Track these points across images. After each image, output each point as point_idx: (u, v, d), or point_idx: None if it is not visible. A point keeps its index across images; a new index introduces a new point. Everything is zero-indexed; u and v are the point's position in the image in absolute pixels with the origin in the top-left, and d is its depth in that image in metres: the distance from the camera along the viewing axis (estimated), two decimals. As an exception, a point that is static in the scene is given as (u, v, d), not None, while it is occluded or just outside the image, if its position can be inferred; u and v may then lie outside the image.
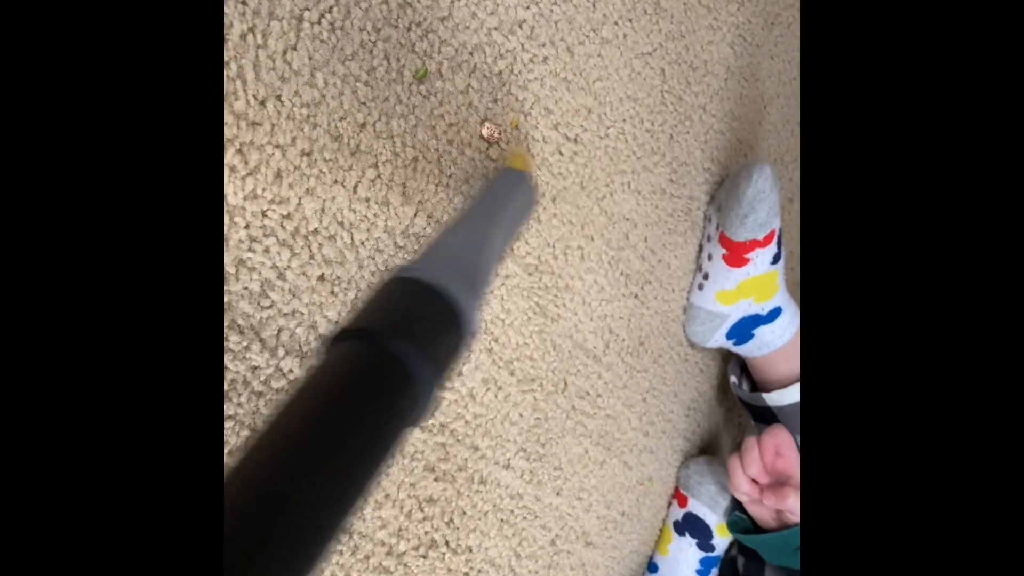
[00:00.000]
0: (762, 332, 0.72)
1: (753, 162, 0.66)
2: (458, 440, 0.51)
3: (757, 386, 0.77)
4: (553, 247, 0.55)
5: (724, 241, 0.67)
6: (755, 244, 0.66)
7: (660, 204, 0.65)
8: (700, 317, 0.72)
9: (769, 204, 0.63)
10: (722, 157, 0.72)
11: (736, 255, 0.67)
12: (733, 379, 0.78)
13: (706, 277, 0.71)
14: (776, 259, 0.68)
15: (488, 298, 0.50)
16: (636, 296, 0.65)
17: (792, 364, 0.73)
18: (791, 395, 0.71)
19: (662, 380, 0.72)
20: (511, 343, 0.53)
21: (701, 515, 0.76)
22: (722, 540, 0.77)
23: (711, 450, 0.86)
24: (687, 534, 0.77)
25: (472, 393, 0.51)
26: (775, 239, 0.67)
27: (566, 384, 0.60)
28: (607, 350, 0.63)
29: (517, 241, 0.52)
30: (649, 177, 0.63)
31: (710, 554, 0.77)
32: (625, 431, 0.68)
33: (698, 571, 0.78)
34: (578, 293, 0.59)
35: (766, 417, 0.74)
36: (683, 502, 0.78)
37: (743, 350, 0.74)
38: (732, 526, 0.74)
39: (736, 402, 0.80)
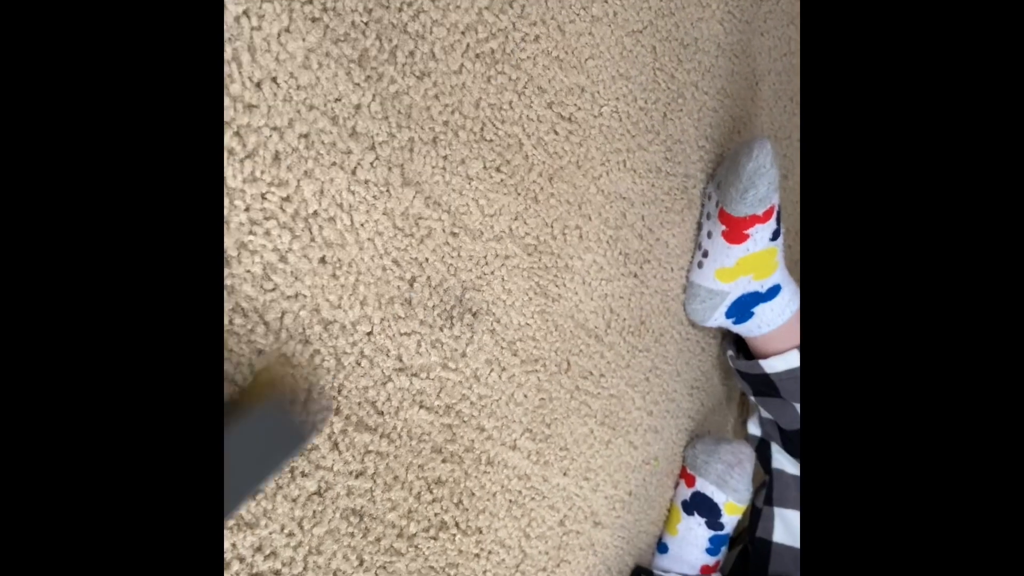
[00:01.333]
0: (762, 310, 0.72)
1: (753, 137, 0.66)
2: (464, 421, 0.51)
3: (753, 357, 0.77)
4: (551, 227, 0.55)
5: (724, 217, 0.68)
6: (755, 219, 0.66)
7: (656, 183, 0.65)
8: (700, 295, 0.72)
9: (769, 179, 0.63)
10: (716, 135, 0.72)
11: (736, 231, 0.67)
12: (730, 352, 0.78)
13: (705, 255, 0.71)
14: (775, 236, 0.68)
15: (489, 279, 0.51)
16: (635, 275, 0.65)
17: (790, 341, 0.73)
18: (788, 361, 0.71)
19: (664, 359, 0.72)
20: (513, 324, 0.54)
21: (709, 494, 0.76)
22: (731, 518, 0.77)
23: (716, 429, 0.86)
24: (696, 513, 0.77)
25: (476, 374, 0.51)
26: (774, 215, 0.67)
27: (569, 364, 0.60)
28: (608, 330, 0.64)
29: (516, 221, 0.52)
30: (644, 156, 0.63)
31: (719, 532, 0.77)
32: (629, 411, 0.68)
33: (708, 550, 0.78)
34: (578, 273, 0.59)
35: (765, 389, 0.74)
36: (691, 482, 0.78)
37: (743, 329, 0.74)
38: None
39: (736, 377, 0.80)
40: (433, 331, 0.47)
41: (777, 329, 0.72)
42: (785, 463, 0.80)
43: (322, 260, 0.40)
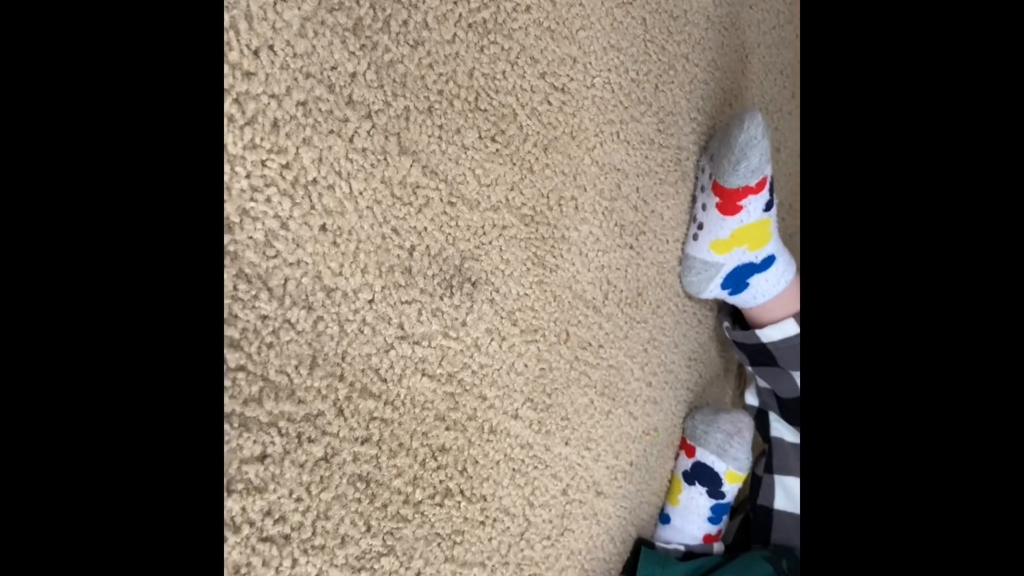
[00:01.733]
0: (756, 281, 0.72)
1: (745, 109, 0.66)
2: (466, 390, 0.52)
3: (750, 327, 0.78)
4: (547, 197, 0.56)
5: (717, 189, 0.68)
6: (747, 191, 0.66)
7: (650, 154, 0.66)
8: (695, 267, 0.73)
9: (761, 150, 0.64)
10: (708, 107, 0.73)
11: (729, 203, 0.68)
12: (726, 324, 0.79)
13: (700, 227, 0.72)
14: (769, 206, 0.69)
15: (487, 248, 0.51)
16: (631, 247, 0.66)
17: (786, 310, 0.74)
18: (784, 330, 0.71)
19: (662, 331, 0.73)
20: (512, 293, 0.54)
21: (709, 463, 0.77)
22: (731, 487, 0.78)
23: (714, 401, 0.87)
24: (696, 483, 0.78)
25: (477, 343, 0.52)
26: (767, 186, 0.68)
27: (568, 335, 0.61)
28: (606, 301, 0.64)
29: (512, 191, 0.52)
30: (637, 127, 0.64)
31: (720, 501, 0.78)
32: (629, 381, 0.69)
33: (709, 519, 0.79)
34: (574, 244, 0.59)
35: (762, 359, 0.75)
36: (691, 452, 0.79)
37: (738, 300, 0.75)
38: None
39: (733, 349, 0.81)
40: (433, 300, 0.48)
41: (773, 299, 0.73)
42: (784, 431, 0.81)
43: (323, 227, 0.41)
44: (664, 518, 0.80)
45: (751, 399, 0.85)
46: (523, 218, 0.54)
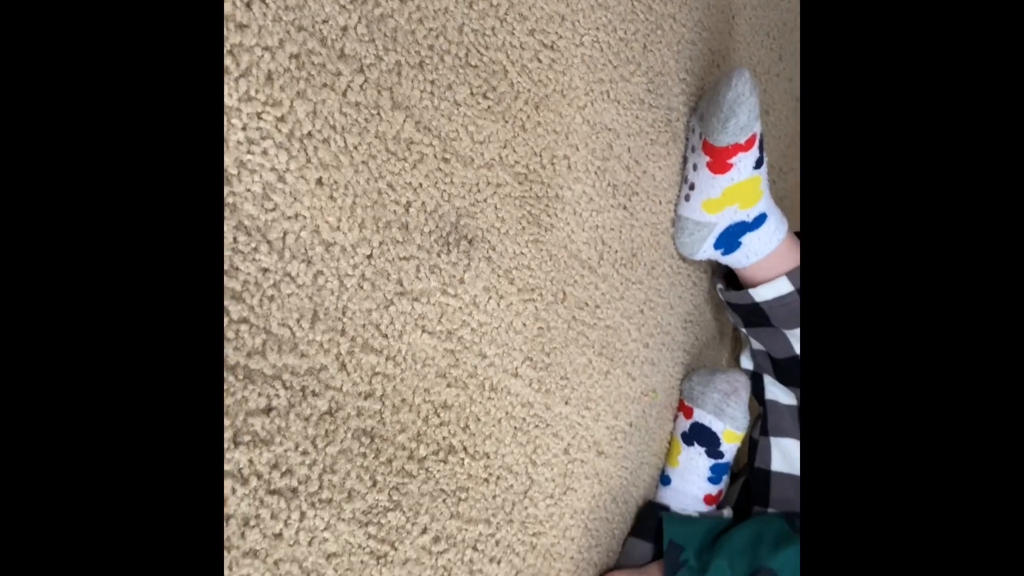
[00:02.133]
0: (749, 240, 0.73)
1: (732, 67, 0.67)
2: (466, 347, 0.52)
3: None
4: (540, 156, 0.56)
5: (707, 148, 0.69)
6: (737, 148, 0.67)
7: (640, 114, 0.66)
8: (688, 228, 0.74)
9: (749, 107, 0.65)
10: (696, 68, 0.73)
11: (719, 161, 0.69)
12: (719, 285, 0.79)
13: (692, 187, 0.72)
14: (759, 164, 0.70)
15: (482, 206, 0.52)
16: (625, 207, 0.67)
17: (779, 269, 0.74)
18: (777, 288, 0.72)
19: (657, 292, 0.74)
20: (508, 252, 0.55)
21: (707, 423, 0.78)
22: (730, 446, 0.79)
23: (711, 365, 0.88)
24: (695, 443, 0.79)
25: (475, 301, 0.52)
26: (757, 143, 0.68)
27: (565, 294, 0.61)
28: (601, 261, 0.65)
29: (505, 149, 0.53)
30: (627, 87, 0.64)
31: (719, 461, 0.79)
32: (626, 342, 0.70)
33: (709, 479, 0.80)
34: (568, 203, 0.60)
35: (755, 319, 0.76)
36: (688, 413, 0.80)
37: (731, 260, 0.75)
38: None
39: (727, 310, 0.81)
40: (431, 256, 0.48)
41: (765, 258, 0.74)
42: (779, 394, 0.81)
43: (319, 181, 0.41)
44: (664, 480, 0.81)
45: (746, 363, 0.86)
46: (517, 176, 0.54)
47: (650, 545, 0.73)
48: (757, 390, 0.83)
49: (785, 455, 0.81)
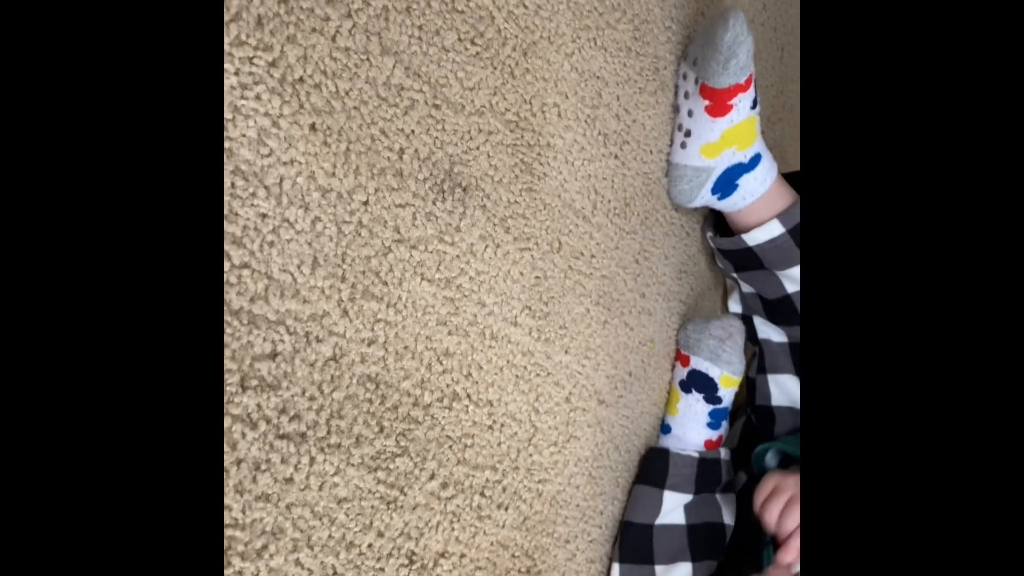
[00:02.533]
0: (745, 181, 0.73)
1: (725, 9, 0.67)
2: (465, 295, 0.53)
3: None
4: (530, 103, 0.56)
5: (706, 92, 0.69)
6: (738, 88, 0.67)
7: (627, 62, 0.66)
8: (686, 176, 0.74)
9: (747, 47, 0.65)
10: (682, 16, 0.73)
11: (720, 103, 0.69)
12: (710, 233, 0.80)
13: (688, 134, 0.73)
14: (755, 104, 0.70)
15: (475, 153, 0.52)
16: (616, 156, 0.67)
17: (771, 211, 0.75)
18: (769, 231, 0.73)
19: (651, 242, 0.74)
20: (502, 200, 0.55)
21: (704, 370, 0.79)
22: (727, 391, 0.80)
23: (706, 314, 0.88)
24: (693, 390, 0.80)
25: (472, 249, 0.53)
26: (753, 83, 0.69)
27: (560, 244, 0.62)
28: (595, 211, 0.65)
29: (495, 96, 0.53)
30: (613, 34, 0.64)
31: (718, 406, 0.80)
32: (622, 292, 0.70)
33: (708, 424, 0.81)
34: (560, 152, 0.60)
35: (748, 263, 0.77)
36: (685, 361, 0.81)
37: (727, 204, 0.76)
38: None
39: (718, 257, 0.82)
40: (426, 204, 0.49)
41: (758, 199, 0.74)
42: (770, 332, 0.83)
43: (312, 127, 0.41)
44: (665, 428, 0.82)
45: (734, 306, 0.87)
46: (508, 124, 0.54)
47: (657, 491, 0.75)
48: (749, 331, 0.84)
49: (784, 391, 0.82)
